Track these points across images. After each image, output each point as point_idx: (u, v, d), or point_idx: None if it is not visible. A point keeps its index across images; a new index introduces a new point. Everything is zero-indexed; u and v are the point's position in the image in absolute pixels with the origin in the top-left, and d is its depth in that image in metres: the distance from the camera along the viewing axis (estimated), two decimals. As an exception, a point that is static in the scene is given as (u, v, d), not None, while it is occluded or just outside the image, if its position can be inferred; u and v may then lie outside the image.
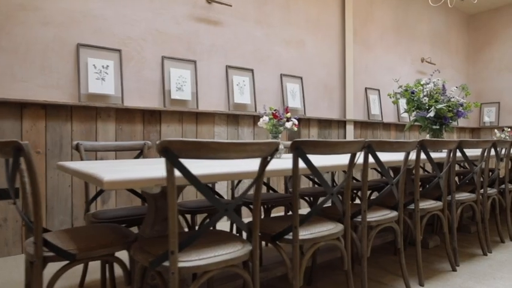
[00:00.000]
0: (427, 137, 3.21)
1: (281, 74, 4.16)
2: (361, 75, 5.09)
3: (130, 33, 3.14)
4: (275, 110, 1.97)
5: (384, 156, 2.15)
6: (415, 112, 3.09)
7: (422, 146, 1.99)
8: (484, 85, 7.01)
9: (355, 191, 3.04)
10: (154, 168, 1.28)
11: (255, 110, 3.88)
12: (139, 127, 3.14)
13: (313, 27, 4.49)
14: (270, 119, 1.97)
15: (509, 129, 4.30)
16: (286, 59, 4.22)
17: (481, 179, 2.69)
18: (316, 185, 3.04)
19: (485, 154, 2.59)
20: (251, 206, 2.34)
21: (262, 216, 2.36)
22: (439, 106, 2.91)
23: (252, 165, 1.41)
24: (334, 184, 3.76)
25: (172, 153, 1.05)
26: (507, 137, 4.29)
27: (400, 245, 1.94)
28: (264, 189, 2.92)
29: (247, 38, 3.89)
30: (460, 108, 3.07)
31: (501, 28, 6.76)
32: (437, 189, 2.63)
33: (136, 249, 1.30)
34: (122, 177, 1.02)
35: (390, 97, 3.21)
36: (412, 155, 1.98)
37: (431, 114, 2.92)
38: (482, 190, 2.66)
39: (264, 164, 1.28)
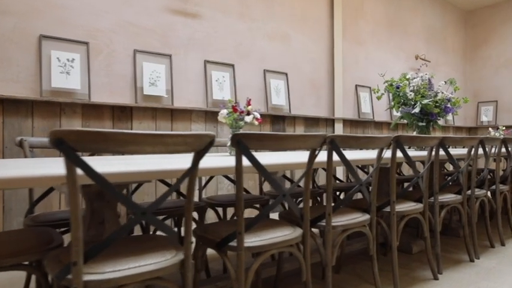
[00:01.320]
0: (414, 134, 3.02)
1: (264, 70, 3.98)
2: (351, 72, 4.90)
3: (99, 25, 2.97)
4: (235, 103, 1.80)
5: (359, 154, 1.97)
6: (400, 108, 2.91)
7: (397, 142, 1.81)
8: (481, 83, 6.81)
9: (338, 192, 2.86)
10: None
11: (236, 107, 3.69)
12: (109, 124, 2.97)
13: (299, 22, 4.32)
14: (229, 112, 1.80)
15: (504, 128, 4.11)
16: (270, 54, 4.05)
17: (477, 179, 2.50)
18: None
19: (473, 152, 2.40)
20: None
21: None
22: (425, 101, 2.72)
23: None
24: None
25: (67, 145, 0.88)
26: (502, 136, 4.09)
27: (372, 252, 1.76)
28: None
29: (228, 32, 3.72)
30: (448, 104, 2.88)
31: (499, 25, 6.56)
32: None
33: (50, 258, 1.12)
34: (4, 176, 0.85)
35: (374, 92, 3.02)
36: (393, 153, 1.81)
37: (417, 110, 2.74)
38: (470, 191, 2.48)
39: (196, 160, 1.10)
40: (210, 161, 1.32)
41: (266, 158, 1.48)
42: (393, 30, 5.53)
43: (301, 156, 1.65)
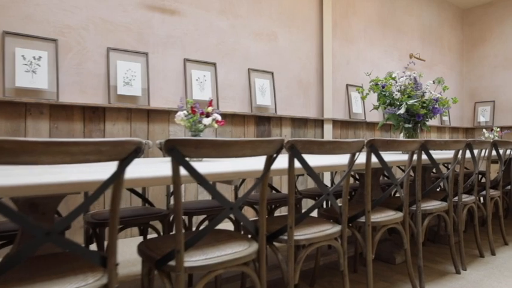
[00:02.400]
0: (401, 136, 2.87)
1: (249, 69, 3.83)
2: (342, 71, 4.75)
3: (69, 21, 2.83)
4: (194, 104, 1.65)
5: (333, 160, 1.82)
6: (386, 109, 2.75)
7: (371, 147, 1.65)
8: (478, 83, 6.65)
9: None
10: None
11: (217, 108, 3.55)
12: (79, 125, 2.83)
13: (286, 19, 4.16)
14: (188, 114, 1.65)
15: (498, 129, 3.95)
16: (255, 52, 3.90)
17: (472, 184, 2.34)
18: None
19: (460, 156, 2.25)
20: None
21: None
22: (411, 102, 2.57)
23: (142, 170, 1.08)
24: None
25: None
26: (496, 137, 3.94)
27: (343, 267, 1.60)
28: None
29: (210, 30, 3.57)
30: (437, 104, 2.73)
31: (496, 23, 6.40)
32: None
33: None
34: None
35: (359, 92, 2.87)
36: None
37: (402, 111, 2.58)
38: (457, 198, 2.32)
39: (120, 170, 0.95)
40: (144, 169, 1.17)
41: (216, 165, 1.33)
42: (386, 29, 5.37)
43: (252, 164, 1.51)
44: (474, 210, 2.49)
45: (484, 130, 4.08)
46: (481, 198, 2.74)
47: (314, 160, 1.70)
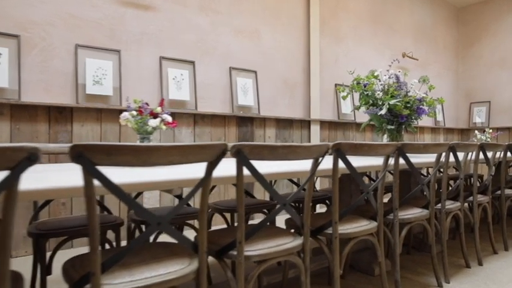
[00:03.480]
0: (384, 138, 2.72)
1: (230, 68, 3.67)
2: (330, 70, 4.59)
3: (34, 17, 2.67)
4: (142, 104, 1.49)
5: (294, 165, 1.67)
6: (368, 109, 2.60)
7: (338, 151, 1.50)
8: (474, 83, 6.49)
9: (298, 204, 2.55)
10: None
11: (195, 108, 3.40)
12: (44, 127, 2.67)
13: (270, 16, 4.01)
14: (136, 115, 1.50)
15: (490, 131, 3.79)
16: (237, 50, 3.74)
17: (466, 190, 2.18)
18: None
19: (442, 160, 2.09)
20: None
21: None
22: (393, 102, 2.41)
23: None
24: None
25: None
26: (489, 139, 3.78)
27: (305, 285, 1.44)
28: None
29: (188, 26, 3.41)
30: (424, 104, 2.57)
31: (492, 21, 6.24)
32: (385, 205, 2.12)
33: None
34: None
35: (339, 91, 2.72)
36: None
37: (383, 111, 2.42)
38: (440, 205, 2.17)
39: (8, 181, 0.80)
40: (57, 178, 1.02)
41: (141, 173, 1.18)
42: (378, 26, 5.22)
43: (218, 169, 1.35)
44: (460, 218, 2.33)
45: (476, 131, 3.92)
46: (466, 205, 2.58)
47: (274, 166, 1.54)
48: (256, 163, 1.29)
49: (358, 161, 1.87)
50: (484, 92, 6.35)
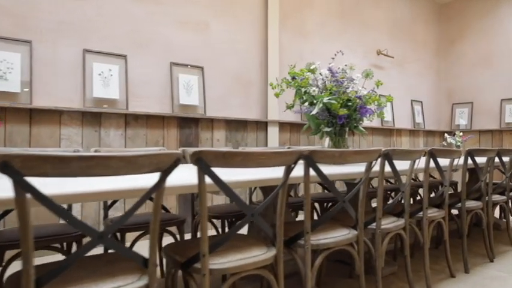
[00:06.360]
0: (326, 142, 2.35)
1: (171, 63, 3.31)
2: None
3: None
4: None
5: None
6: (301, 108, 2.24)
7: (198, 160, 1.13)
8: (455, 83, 6.13)
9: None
10: None
11: (126, 107, 3.03)
12: None
13: (220, 6, 3.64)
14: None
15: (461, 134, 3.43)
16: (180, 44, 3.38)
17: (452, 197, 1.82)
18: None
19: (414, 167, 1.74)
20: None
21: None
22: (326, 100, 2.04)
23: None
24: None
25: None
26: (459, 143, 3.42)
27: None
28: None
29: (118, 16, 3.05)
30: (368, 103, 2.20)
31: (475, 18, 5.89)
32: (368, 214, 1.76)
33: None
34: None
35: (273, 88, 2.36)
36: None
37: (315, 110, 2.06)
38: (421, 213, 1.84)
39: None
40: None
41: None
42: (349, 22, 4.86)
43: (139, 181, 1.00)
44: (443, 225, 2.02)
45: (446, 135, 3.56)
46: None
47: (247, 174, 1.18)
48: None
49: (334, 169, 1.57)
50: (466, 92, 6.00)
